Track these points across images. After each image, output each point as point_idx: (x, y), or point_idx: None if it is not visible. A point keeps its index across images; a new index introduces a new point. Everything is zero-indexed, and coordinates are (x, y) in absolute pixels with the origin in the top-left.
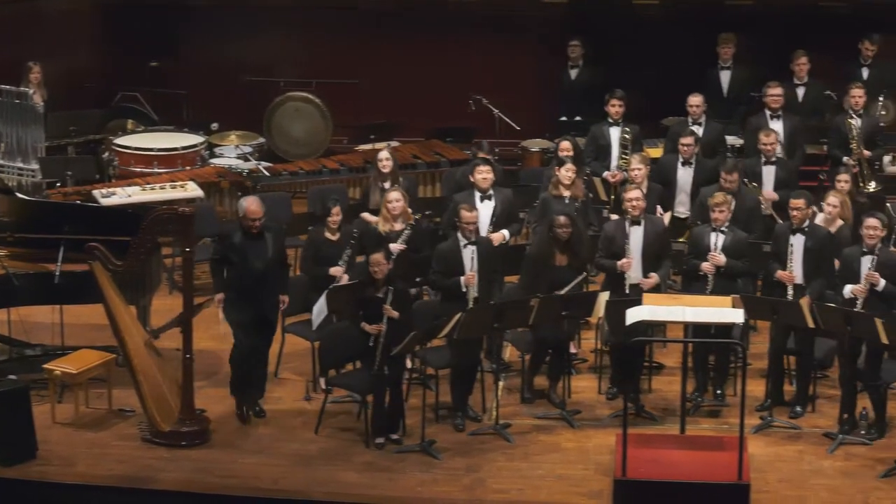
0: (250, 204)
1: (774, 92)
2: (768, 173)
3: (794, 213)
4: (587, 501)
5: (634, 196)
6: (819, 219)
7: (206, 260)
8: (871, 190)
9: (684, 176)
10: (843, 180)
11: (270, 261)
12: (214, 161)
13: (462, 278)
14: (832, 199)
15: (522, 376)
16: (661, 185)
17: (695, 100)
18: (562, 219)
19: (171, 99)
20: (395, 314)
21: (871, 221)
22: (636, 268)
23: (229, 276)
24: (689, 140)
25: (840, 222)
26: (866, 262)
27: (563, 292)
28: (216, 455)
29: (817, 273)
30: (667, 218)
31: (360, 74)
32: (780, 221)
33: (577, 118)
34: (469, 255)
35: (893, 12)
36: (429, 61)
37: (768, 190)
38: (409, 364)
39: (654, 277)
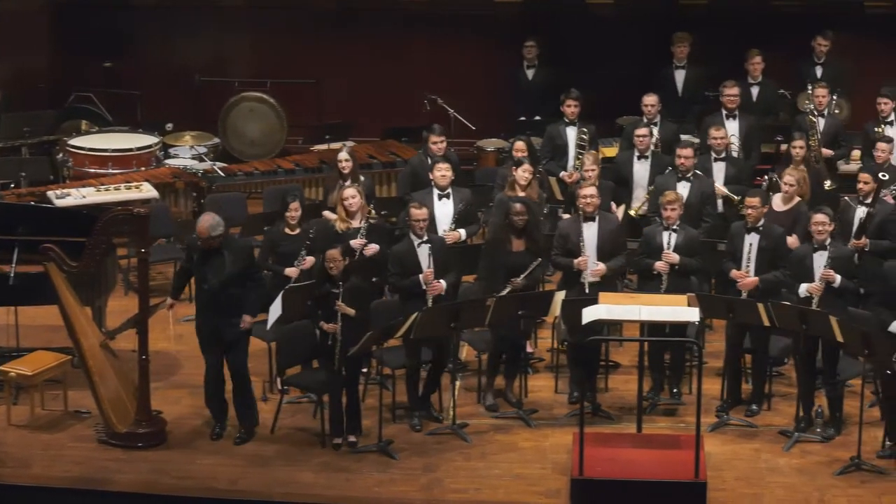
0: (200, 223)
1: (731, 92)
2: (718, 170)
3: (750, 211)
4: (544, 500)
5: (589, 193)
6: (777, 198)
7: (162, 261)
8: (827, 188)
9: (641, 171)
10: (798, 146)
11: (225, 279)
12: (169, 162)
13: (420, 276)
14: (788, 177)
15: (479, 376)
16: (619, 182)
17: (649, 99)
18: (518, 206)
19: (125, 99)
20: (351, 311)
21: (819, 217)
22: (591, 265)
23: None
24: (644, 131)
25: (797, 199)
26: (818, 259)
27: (521, 278)
28: (173, 456)
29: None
30: (620, 211)
31: (314, 74)
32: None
33: (537, 118)
34: (424, 252)
35: (845, 11)
36: (384, 61)
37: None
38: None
39: (601, 266)
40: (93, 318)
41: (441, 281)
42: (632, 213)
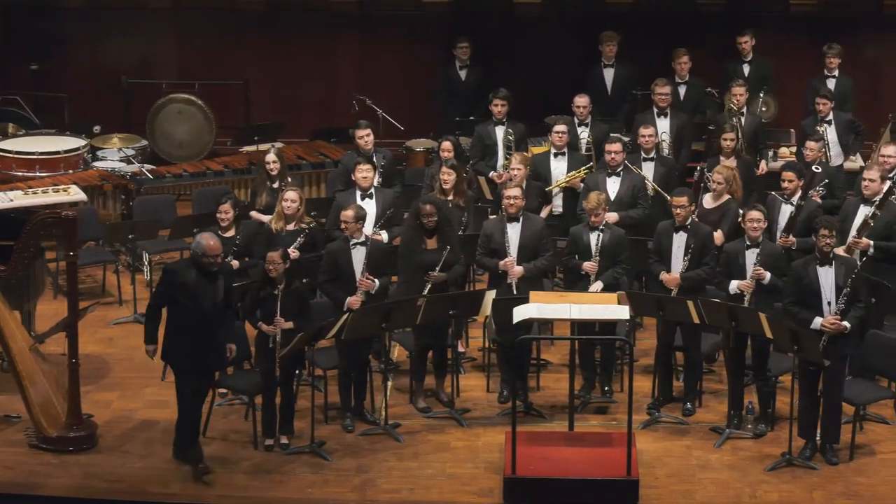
0: (209, 240)
1: (662, 90)
2: (648, 169)
3: (678, 211)
4: (478, 500)
5: (512, 194)
6: (707, 197)
7: (91, 263)
8: (759, 173)
9: (558, 167)
10: (729, 138)
11: (219, 304)
12: (97, 164)
13: (349, 300)
14: (717, 175)
15: (411, 376)
16: (537, 180)
17: (581, 100)
18: (427, 207)
19: (52, 102)
20: (288, 325)
21: (754, 214)
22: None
23: (172, 318)
24: (562, 128)
25: (727, 196)
26: (750, 256)
27: (437, 271)
28: (104, 460)
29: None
30: (545, 211)
31: (242, 76)
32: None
33: (471, 118)
34: (359, 254)
35: (768, 9)
36: (312, 62)
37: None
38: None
39: (517, 269)
40: (22, 322)
41: (376, 280)
42: (548, 189)
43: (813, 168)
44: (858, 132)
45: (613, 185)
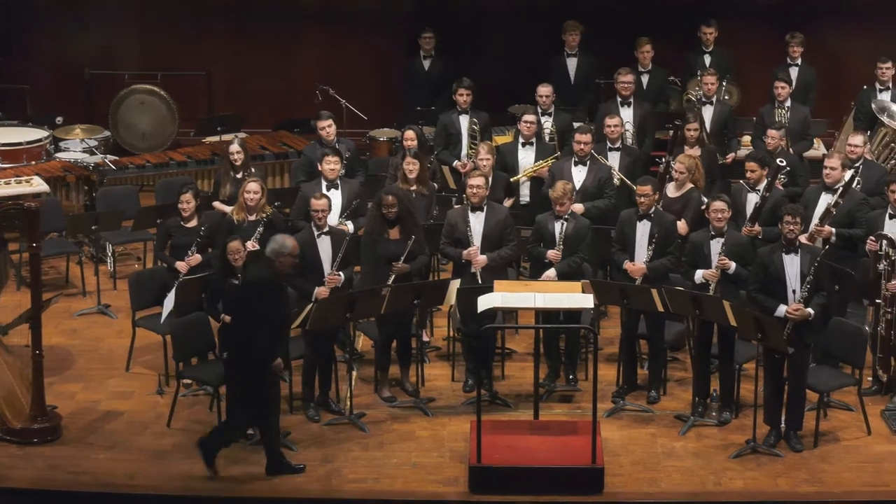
0: (291, 243)
1: (625, 79)
2: (613, 159)
3: (642, 200)
4: (443, 489)
5: (476, 183)
6: (670, 186)
7: (54, 255)
8: (721, 162)
9: (526, 157)
10: (693, 128)
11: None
12: (60, 155)
13: (317, 290)
14: (680, 164)
15: (375, 366)
16: (505, 170)
17: (544, 90)
18: (389, 198)
19: (13, 93)
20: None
21: (718, 204)
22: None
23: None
24: (530, 118)
25: (689, 185)
26: (715, 246)
27: (401, 261)
28: (69, 451)
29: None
30: (508, 203)
31: (205, 66)
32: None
33: (433, 108)
34: (325, 244)
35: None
36: (275, 52)
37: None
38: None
39: (481, 258)
40: None
41: (340, 273)
42: (513, 179)
43: (779, 161)
44: (807, 135)
45: (580, 175)
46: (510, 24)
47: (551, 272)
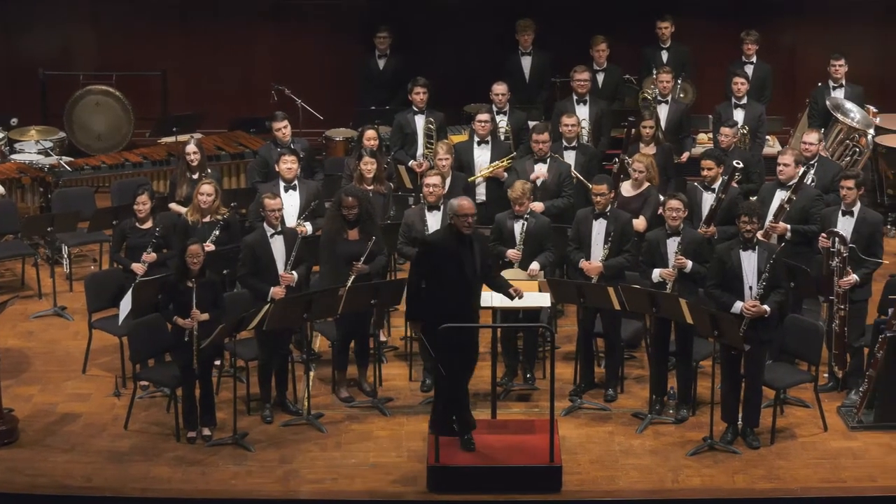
0: (462, 200)
1: (581, 77)
2: (569, 158)
3: (598, 199)
4: (401, 489)
5: (433, 182)
6: (627, 185)
7: (10, 257)
8: (676, 161)
9: (482, 156)
10: (648, 126)
11: (478, 271)
12: (15, 157)
13: (273, 290)
14: (637, 163)
15: (333, 366)
16: (460, 169)
17: (499, 88)
18: (349, 199)
19: None
20: (204, 317)
21: (674, 203)
22: None
23: (430, 291)
24: (485, 117)
25: (647, 184)
26: (672, 245)
27: (361, 262)
28: (25, 454)
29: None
30: None
31: (160, 66)
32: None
33: (388, 107)
34: (279, 244)
35: None
36: (230, 52)
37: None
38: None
39: None
40: None
41: (293, 272)
42: (470, 180)
43: (735, 163)
44: (758, 136)
45: (540, 172)
46: (464, 23)
47: (534, 265)
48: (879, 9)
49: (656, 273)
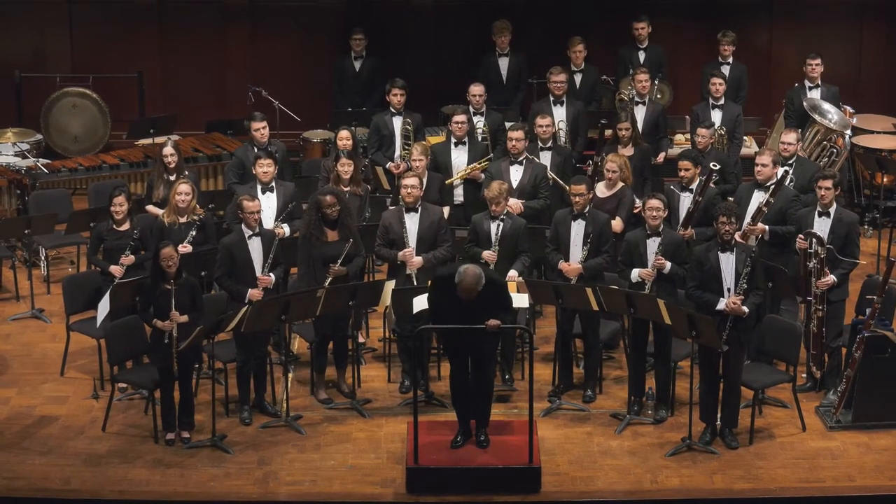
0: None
1: (558, 78)
2: (545, 158)
3: (577, 199)
4: (380, 490)
5: (410, 183)
6: (601, 186)
7: None
8: (654, 162)
9: (459, 157)
10: (625, 128)
11: None
12: None
13: (250, 292)
14: (611, 163)
15: (312, 368)
16: (438, 170)
17: (476, 89)
18: (328, 198)
19: None
20: (183, 319)
21: (654, 202)
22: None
23: None
24: (461, 118)
25: (621, 184)
26: (651, 245)
27: (338, 264)
28: (3, 457)
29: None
30: (445, 211)
31: (137, 68)
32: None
33: (364, 108)
34: (256, 245)
35: None
36: (207, 53)
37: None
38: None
39: (416, 260)
40: None
41: (271, 274)
42: (447, 182)
43: (711, 166)
44: (735, 136)
45: (516, 174)
46: (441, 24)
47: (513, 273)
48: (853, 9)
49: (635, 273)
